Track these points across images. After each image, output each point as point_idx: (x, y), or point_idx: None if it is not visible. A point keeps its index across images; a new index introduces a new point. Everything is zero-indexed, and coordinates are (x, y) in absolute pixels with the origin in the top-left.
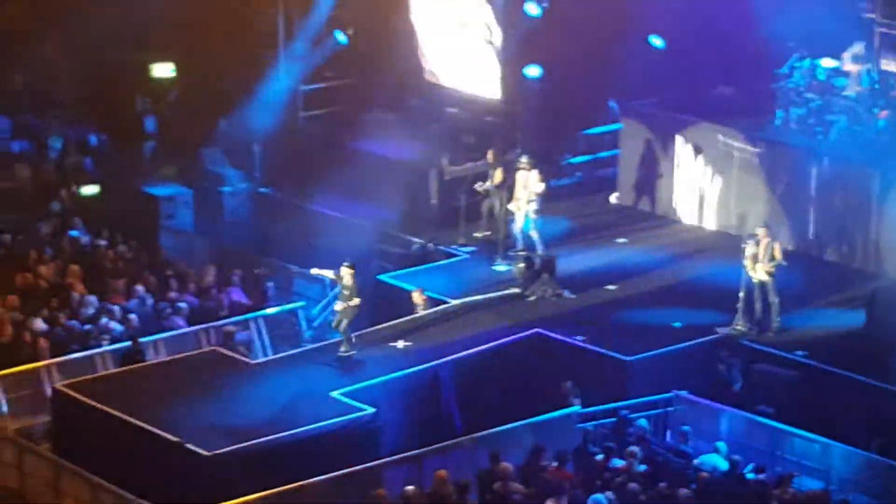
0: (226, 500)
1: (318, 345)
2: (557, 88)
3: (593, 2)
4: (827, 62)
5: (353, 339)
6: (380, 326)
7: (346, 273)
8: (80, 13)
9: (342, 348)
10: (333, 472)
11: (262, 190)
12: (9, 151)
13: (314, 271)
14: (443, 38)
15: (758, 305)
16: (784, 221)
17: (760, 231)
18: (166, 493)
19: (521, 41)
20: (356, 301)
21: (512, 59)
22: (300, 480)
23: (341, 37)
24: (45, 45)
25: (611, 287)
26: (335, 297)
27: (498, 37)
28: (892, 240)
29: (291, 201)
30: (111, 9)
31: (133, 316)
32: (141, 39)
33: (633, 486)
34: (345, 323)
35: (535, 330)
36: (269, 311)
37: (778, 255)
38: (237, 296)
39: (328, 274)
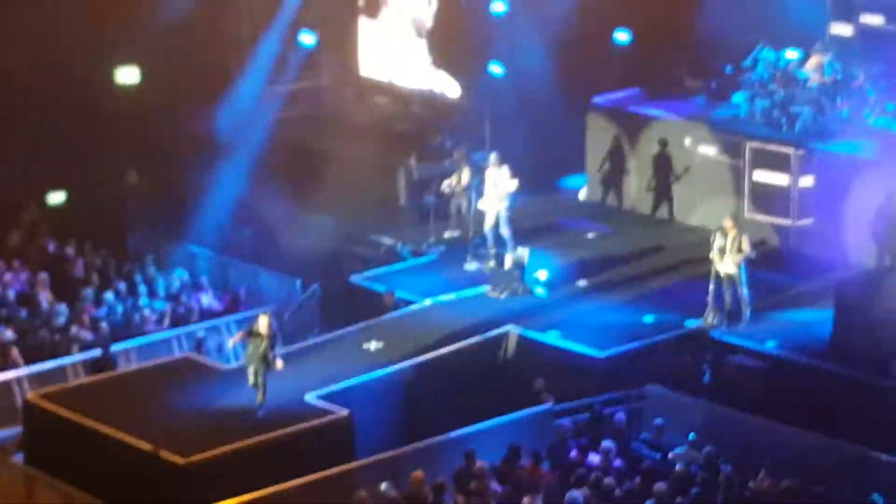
0: None
1: (289, 348)
2: (522, 85)
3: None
4: (791, 54)
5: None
6: (352, 328)
7: (263, 321)
8: (41, 20)
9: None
10: (310, 474)
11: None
12: None
13: (232, 343)
14: (401, 39)
15: (727, 297)
16: (753, 213)
17: (728, 223)
18: (142, 502)
19: (483, 40)
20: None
21: (475, 56)
22: (277, 485)
23: (308, 39)
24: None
25: (582, 283)
26: (309, 297)
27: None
28: (862, 231)
29: (259, 204)
30: (76, 16)
31: (103, 324)
32: (106, 46)
33: (608, 480)
34: (259, 374)
35: (507, 327)
36: (241, 315)
37: (746, 246)
38: (208, 300)
39: (239, 336)
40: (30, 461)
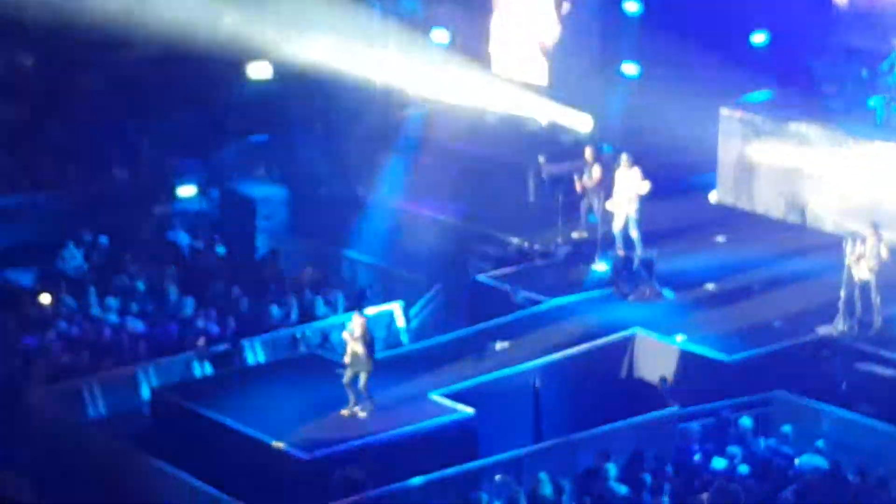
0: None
1: (415, 346)
2: (652, 87)
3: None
4: None
5: (372, 399)
6: (477, 327)
7: (357, 322)
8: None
9: (356, 407)
10: (432, 473)
11: (357, 190)
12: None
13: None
14: (531, 39)
15: (859, 304)
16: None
17: (868, 230)
18: (265, 497)
19: (617, 40)
20: (369, 354)
21: (608, 57)
22: (399, 482)
23: (441, 37)
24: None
25: (710, 286)
26: (434, 296)
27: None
28: None
29: (387, 202)
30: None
31: (230, 318)
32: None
33: (733, 487)
34: (363, 378)
35: (634, 329)
36: (367, 312)
37: (885, 253)
38: (332, 296)
39: (346, 335)
40: (155, 453)
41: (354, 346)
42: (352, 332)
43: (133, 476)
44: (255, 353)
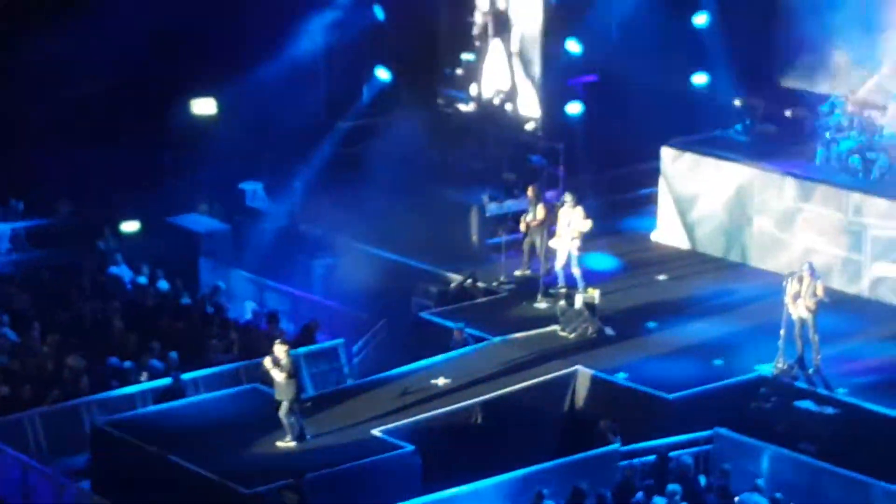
0: None
1: (357, 382)
2: (598, 126)
3: (634, 37)
4: None
5: (298, 427)
6: (420, 364)
7: (281, 350)
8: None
9: (286, 438)
10: None
11: (301, 226)
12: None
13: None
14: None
15: (798, 343)
16: (826, 260)
17: (805, 270)
18: None
19: (560, 78)
20: (292, 382)
21: (553, 95)
22: None
23: (384, 75)
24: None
25: (651, 324)
26: (377, 332)
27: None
28: None
29: (330, 238)
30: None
31: (173, 353)
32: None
33: None
34: (284, 407)
35: (576, 367)
36: (309, 347)
37: (820, 292)
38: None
39: (268, 362)
40: (97, 488)
41: (275, 375)
42: (274, 360)
43: None
44: (197, 388)
